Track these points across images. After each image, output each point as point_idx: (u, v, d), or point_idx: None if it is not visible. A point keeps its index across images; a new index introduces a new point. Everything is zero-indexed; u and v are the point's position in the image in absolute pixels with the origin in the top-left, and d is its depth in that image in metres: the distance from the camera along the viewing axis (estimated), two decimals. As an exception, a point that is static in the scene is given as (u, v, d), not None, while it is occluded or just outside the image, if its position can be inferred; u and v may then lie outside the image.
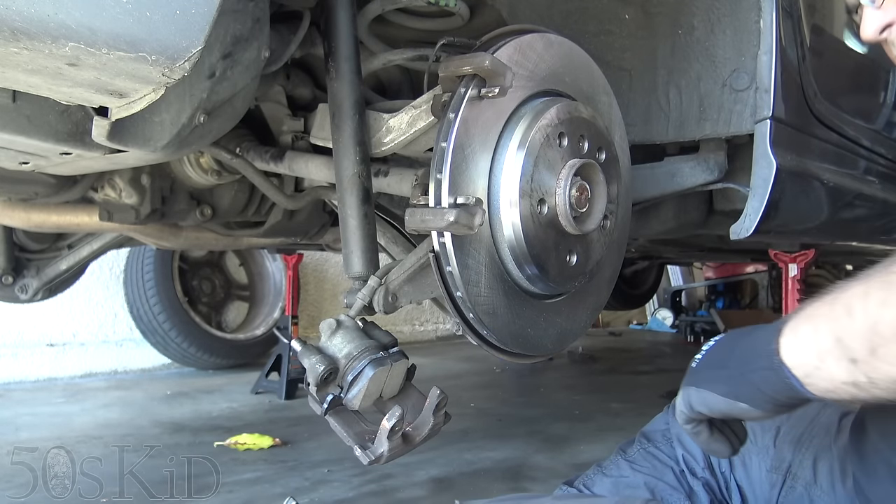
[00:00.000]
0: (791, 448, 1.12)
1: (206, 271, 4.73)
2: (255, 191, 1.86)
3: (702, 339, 6.54)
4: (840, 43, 1.70)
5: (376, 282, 1.12)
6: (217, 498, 2.18)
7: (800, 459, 1.10)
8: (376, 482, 2.34)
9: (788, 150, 1.36)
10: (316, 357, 1.05)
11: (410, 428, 1.06)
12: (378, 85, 1.54)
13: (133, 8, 0.72)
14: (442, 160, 0.99)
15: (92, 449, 2.69)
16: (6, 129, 1.05)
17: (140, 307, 4.25)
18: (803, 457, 1.10)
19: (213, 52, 0.93)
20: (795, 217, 1.50)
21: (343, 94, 1.17)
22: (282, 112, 1.49)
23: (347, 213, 1.16)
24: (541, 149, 1.06)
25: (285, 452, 2.72)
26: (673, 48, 1.41)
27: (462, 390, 3.92)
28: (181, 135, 1.00)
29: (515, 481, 2.41)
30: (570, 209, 1.09)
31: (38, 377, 4.19)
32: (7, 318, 4.15)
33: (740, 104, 1.35)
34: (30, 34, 0.68)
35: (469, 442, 2.84)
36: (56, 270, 2.13)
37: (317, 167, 1.41)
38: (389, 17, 1.33)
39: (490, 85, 1.00)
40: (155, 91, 0.87)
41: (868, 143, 1.79)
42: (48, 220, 1.79)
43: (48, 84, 0.82)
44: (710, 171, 1.49)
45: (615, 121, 1.28)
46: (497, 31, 1.10)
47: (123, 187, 1.66)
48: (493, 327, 1.08)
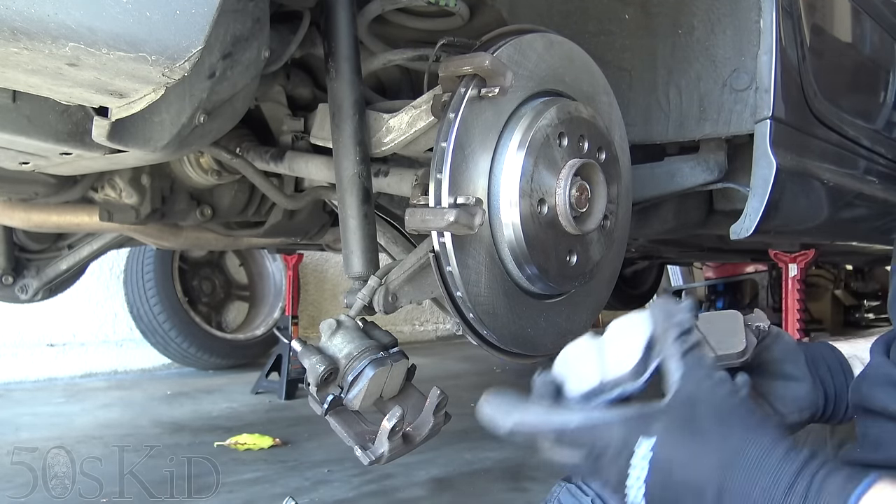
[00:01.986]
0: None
1: (206, 271, 4.73)
2: (255, 191, 1.86)
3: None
4: (840, 43, 1.70)
5: (376, 282, 1.12)
6: (217, 498, 2.18)
7: None
8: (376, 482, 2.34)
9: (788, 150, 1.36)
10: (316, 357, 1.05)
11: (411, 428, 1.06)
12: (378, 85, 1.54)
13: (133, 8, 0.72)
14: (442, 160, 0.99)
15: (92, 449, 2.69)
16: (6, 129, 1.05)
17: (140, 307, 4.25)
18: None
19: (213, 52, 0.93)
20: (795, 217, 1.50)
21: (343, 94, 1.17)
22: (282, 112, 1.49)
23: (347, 213, 1.16)
24: (541, 149, 1.06)
25: (285, 452, 2.72)
26: (673, 48, 1.41)
27: (462, 390, 3.89)
28: (181, 135, 1.00)
29: (515, 481, 2.41)
30: (571, 209, 1.09)
31: (38, 377, 4.18)
32: (7, 318, 4.15)
33: (740, 104, 1.35)
34: (30, 34, 0.68)
35: (469, 442, 2.84)
36: (56, 270, 2.13)
37: (317, 167, 1.41)
38: (389, 17, 1.33)
39: (490, 85, 1.00)
40: (155, 91, 0.87)
41: (868, 143, 1.79)
42: (48, 220, 1.79)
43: (48, 84, 0.82)
44: (710, 171, 1.49)
45: (615, 121, 1.28)
46: (497, 31, 1.10)
47: (123, 187, 1.65)
48: (493, 327, 1.08)
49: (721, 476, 0.61)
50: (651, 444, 0.62)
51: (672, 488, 0.62)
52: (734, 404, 0.65)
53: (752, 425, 0.64)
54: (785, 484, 0.60)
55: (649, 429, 0.63)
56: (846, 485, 0.59)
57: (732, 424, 0.63)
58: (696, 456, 0.62)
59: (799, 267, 3.29)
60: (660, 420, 0.63)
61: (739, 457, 0.61)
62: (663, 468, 0.62)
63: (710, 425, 0.63)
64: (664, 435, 0.62)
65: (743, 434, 0.62)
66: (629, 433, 0.63)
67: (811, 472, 0.60)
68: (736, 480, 0.61)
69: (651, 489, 0.62)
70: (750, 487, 0.60)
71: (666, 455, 0.62)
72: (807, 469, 0.60)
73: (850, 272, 6.87)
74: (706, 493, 0.61)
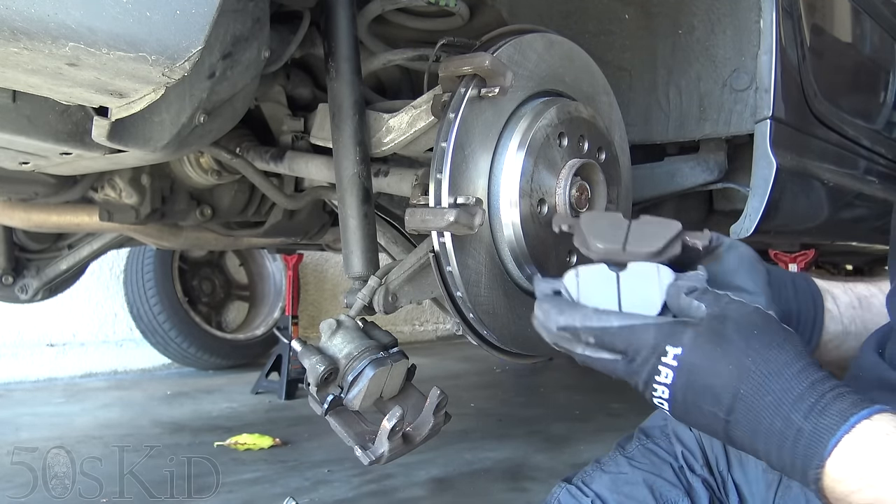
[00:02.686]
0: None
1: (206, 271, 4.73)
2: (255, 191, 1.86)
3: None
4: (840, 43, 1.70)
5: (376, 282, 1.12)
6: (217, 498, 2.18)
7: None
8: (376, 482, 2.34)
9: (788, 150, 1.36)
10: (316, 357, 1.05)
11: (411, 428, 1.06)
12: (378, 85, 1.54)
13: (133, 8, 0.72)
14: (442, 160, 0.99)
15: (92, 449, 2.69)
16: (6, 129, 1.05)
17: (140, 307, 4.25)
18: None
19: (213, 52, 0.93)
20: (795, 217, 1.50)
21: (343, 94, 1.17)
22: (282, 112, 1.49)
23: (347, 213, 1.16)
24: (541, 149, 1.06)
25: (285, 452, 2.72)
26: (673, 48, 1.41)
27: (462, 390, 3.92)
28: (181, 135, 1.00)
29: (515, 481, 2.41)
30: (570, 209, 1.09)
31: (38, 377, 4.18)
32: (7, 318, 4.15)
33: (740, 104, 1.35)
34: (30, 34, 0.68)
35: (469, 442, 2.84)
36: (56, 270, 2.13)
37: (317, 167, 1.41)
38: (389, 17, 1.33)
39: (490, 85, 1.00)
40: (155, 91, 0.87)
41: (868, 143, 1.79)
42: (48, 220, 1.80)
43: (48, 84, 0.82)
44: (710, 171, 1.49)
45: (615, 121, 1.28)
46: (497, 31, 1.10)
47: (123, 187, 1.66)
48: (493, 327, 1.08)
49: (737, 383, 0.66)
50: (678, 352, 0.68)
51: (693, 391, 0.67)
52: (761, 320, 0.69)
53: (776, 341, 0.67)
54: (794, 395, 0.64)
55: (679, 338, 0.68)
56: (851, 408, 0.63)
57: (757, 338, 0.67)
58: (716, 363, 0.66)
59: (799, 267, 3.29)
60: (689, 331, 0.68)
61: (757, 367, 0.65)
62: (687, 373, 0.67)
63: (736, 337, 0.67)
64: (691, 344, 0.67)
65: (765, 347, 0.66)
66: (661, 339, 0.69)
67: (822, 391, 0.64)
68: (750, 388, 0.65)
69: (674, 391, 0.68)
70: (762, 395, 0.65)
71: (690, 361, 0.67)
72: (818, 386, 0.64)
73: (850, 272, 6.87)
74: (722, 397, 0.66)
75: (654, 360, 0.69)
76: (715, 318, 0.69)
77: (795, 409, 0.64)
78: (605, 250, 0.78)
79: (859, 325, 0.90)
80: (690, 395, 0.68)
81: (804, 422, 0.64)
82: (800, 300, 0.88)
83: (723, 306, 0.70)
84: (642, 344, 0.69)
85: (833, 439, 0.63)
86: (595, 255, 0.79)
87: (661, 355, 0.69)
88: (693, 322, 0.69)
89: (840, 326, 0.89)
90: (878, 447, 0.62)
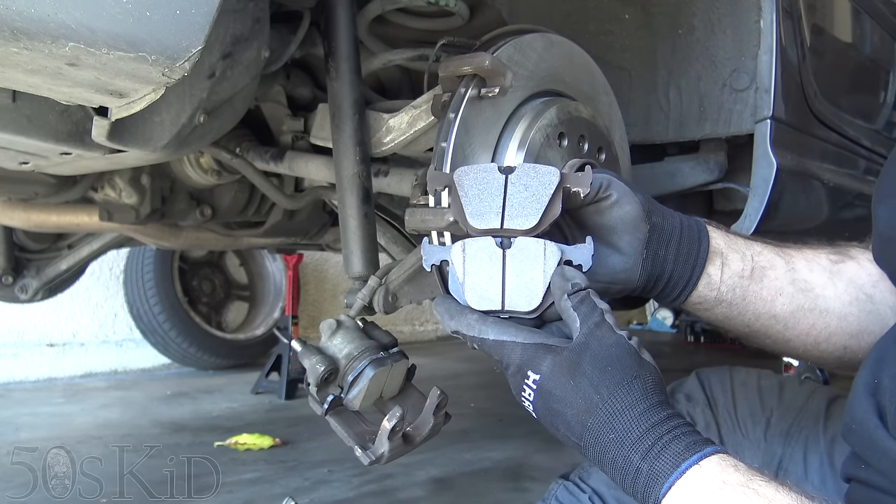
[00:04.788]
0: (781, 441, 1.12)
1: (206, 271, 4.73)
2: (255, 191, 1.86)
3: (702, 339, 6.55)
4: (840, 43, 1.70)
5: (376, 282, 1.12)
6: (217, 498, 2.18)
7: (790, 453, 1.10)
8: (376, 482, 2.34)
9: (788, 150, 1.36)
10: (316, 357, 1.05)
11: (411, 428, 1.06)
12: (378, 85, 1.54)
13: (133, 8, 0.72)
14: (442, 160, 0.99)
15: (92, 449, 2.69)
16: (6, 129, 1.05)
17: (140, 307, 4.25)
18: (793, 450, 1.10)
19: (213, 52, 0.93)
20: (796, 217, 1.50)
21: (343, 94, 1.17)
22: (282, 112, 1.49)
23: (347, 213, 1.16)
24: (541, 149, 1.06)
25: (285, 452, 2.72)
26: (673, 48, 1.41)
27: (462, 390, 3.92)
28: (181, 135, 1.00)
29: (515, 481, 2.41)
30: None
31: (38, 377, 4.19)
32: (7, 318, 4.15)
33: (740, 104, 1.35)
34: (30, 34, 0.68)
35: (469, 442, 2.84)
36: (56, 270, 2.13)
37: (317, 167, 1.41)
38: (389, 17, 1.33)
39: (490, 85, 1.00)
40: (155, 91, 0.87)
41: (868, 143, 1.79)
42: (48, 220, 1.80)
43: (48, 84, 0.82)
44: (710, 171, 1.49)
45: (615, 121, 1.28)
46: (497, 31, 1.10)
47: (123, 187, 1.66)
48: (493, 327, 1.07)
49: (585, 416, 0.71)
50: (537, 378, 0.73)
51: (549, 414, 0.73)
52: (618, 355, 0.72)
53: (626, 379, 0.71)
54: (635, 436, 0.69)
55: (539, 365, 0.73)
56: (684, 452, 0.68)
57: (610, 374, 0.71)
58: (568, 394, 0.71)
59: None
60: (549, 359, 0.73)
61: (605, 403, 0.70)
62: (544, 398, 0.73)
63: (590, 370, 0.71)
64: (549, 372, 0.73)
65: (615, 385, 0.71)
66: (524, 362, 0.74)
67: (660, 433, 0.68)
68: (597, 422, 0.70)
69: (536, 408, 0.74)
70: (607, 431, 0.70)
71: (546, 389, 0.73)
72: (657, 428, 0.69)
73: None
74: (573, 425, 0.72)
75: (519, 377, 0.75)
76: (574, 350, 0.72)
77: (634, 450, 0.68)
78: (483, 230, 0.78)
79: (738, 294, 0.89)
80: (548, 417, 0.74)
81: (642, 462, 0.68)
82: (678, 262, 0.88)
83: (589, 330, 0.73)
84: (510, 361, 0.75)
85: (666, 483, 0.67)
86: (474, 234, 0.78)
87: (524, 377, 0.74)
88: (555, 349, 0.73)
89: (714, 293, 0.89)
90: (705, 493, 0.66)
